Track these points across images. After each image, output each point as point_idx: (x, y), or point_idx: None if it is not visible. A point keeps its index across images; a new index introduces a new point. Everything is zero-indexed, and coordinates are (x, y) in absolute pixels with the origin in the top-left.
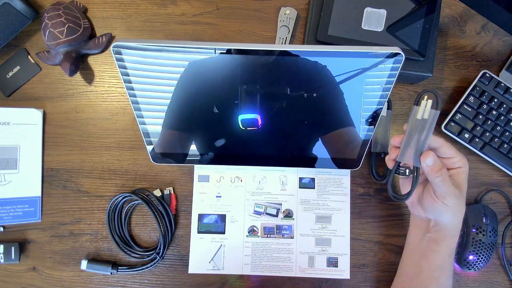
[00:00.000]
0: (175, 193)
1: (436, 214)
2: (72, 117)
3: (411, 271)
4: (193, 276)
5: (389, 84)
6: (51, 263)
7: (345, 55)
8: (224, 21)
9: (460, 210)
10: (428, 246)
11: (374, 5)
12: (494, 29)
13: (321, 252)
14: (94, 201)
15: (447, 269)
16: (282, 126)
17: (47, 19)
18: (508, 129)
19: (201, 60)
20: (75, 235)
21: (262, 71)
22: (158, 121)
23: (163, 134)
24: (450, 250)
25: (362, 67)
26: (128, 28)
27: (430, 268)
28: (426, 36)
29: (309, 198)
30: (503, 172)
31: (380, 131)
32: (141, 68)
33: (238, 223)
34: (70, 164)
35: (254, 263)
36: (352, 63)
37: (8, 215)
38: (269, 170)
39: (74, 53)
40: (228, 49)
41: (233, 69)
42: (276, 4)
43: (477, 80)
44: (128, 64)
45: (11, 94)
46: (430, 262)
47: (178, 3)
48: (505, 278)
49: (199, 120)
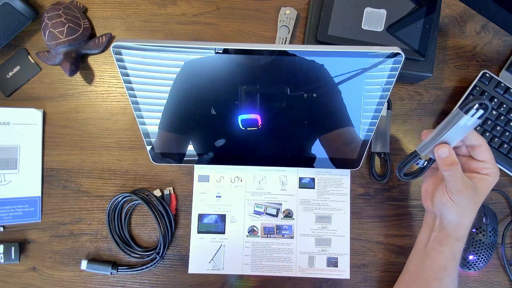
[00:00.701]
0: (175, 193)
1: (441, 209)
2: (72, 117)
3: (415, 269)
4: (193, 276)
5: (389, 84)
6: (51, 263)
7: (345, 55)
8: (224, 21)
9: (468, 212)
10: (432, 245)
11: (374, 5)
12: (494, 29)
13: (321, 252)
14: (94, 201)
15: (451, 271)
16: (282, 126)
17: (47, 19)
18: (508, 129)
19: (197, 59)
20: (75, 235)
21: (261, 71)
22: (158, 121)
23: (159, 135)
24: (453, 253)
25: (362, 67)
26: (128, 28)
27: (433, 268)
28: (426, 36)
29: (309, 198)
30: (503, 172)
31: (380, 131)
32: (141, 68)
33: (238, 223)
34: (70, 164)
35: (254, 263)
36: (352, 63)
37: (8, 215)
38: (269, 170)
39: (74, 53)
40: (226, 49)
41: (231, 69)
42: (276, 4)
43: (477, 80)
44: (128, 64)
45: (11, 94)
46: (432, 262)
47: (178, 3)
48: (505, 278)
49: (196, 121)
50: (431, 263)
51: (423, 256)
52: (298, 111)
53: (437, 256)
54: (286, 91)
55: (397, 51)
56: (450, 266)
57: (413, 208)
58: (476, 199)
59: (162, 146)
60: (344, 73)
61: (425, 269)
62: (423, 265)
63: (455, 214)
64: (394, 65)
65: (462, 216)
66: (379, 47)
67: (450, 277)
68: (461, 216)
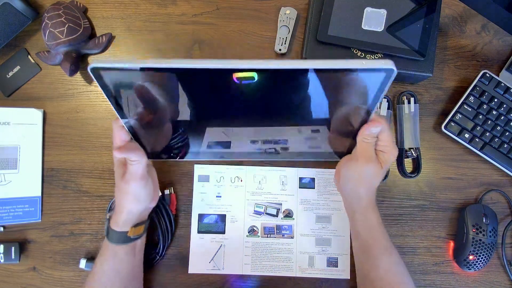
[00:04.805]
0: (175, 193)
1: (344, 181)
2: (72, 117)
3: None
4: (193, 276)
5: (379, 94)
6: (51, 263)
7: (333, 71)
8: (224, 21)
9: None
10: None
11: (374, 5)
12: (494, 29)
13: (321, 252)
14: (94, 201)
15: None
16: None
17: (47, 19)
18: (508, 129)
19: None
20: (75, 235)
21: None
22: None
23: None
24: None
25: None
26: (128, 28)
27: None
28: (426, 36)
29: (309, 198)
30: (503, 172)
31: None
32: (123, 85)
33: (238, 223)
34: (70, 164)
35: (254, 263)
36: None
37: (8, 215)
38: (269, 170)
39: (74, 53)
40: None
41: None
42: (276, 4)
43: (477, 80)
44: (110, 84)
45: (11, 94)
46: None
47: (178, 3)
48: (505, 278)
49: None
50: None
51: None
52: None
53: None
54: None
55: (390, 67)
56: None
57: (413, 208)
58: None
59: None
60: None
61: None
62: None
63: (353, 184)
64: (385, 78)
65: (360, 186)
66: (371, 61)
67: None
68: (358, 186)
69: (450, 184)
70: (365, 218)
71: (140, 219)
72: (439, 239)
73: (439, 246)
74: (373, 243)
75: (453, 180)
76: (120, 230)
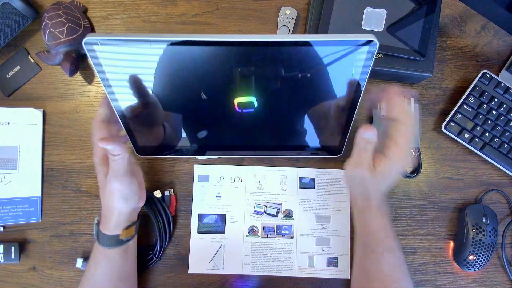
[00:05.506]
0: (175, 195)
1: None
2: (72, 117)
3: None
4: (193, 276)
5: (364, 72)
6: (51, 263)
7: (319, 44)
8: (224, 21)
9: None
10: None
11: (374, 5)
12: (494, 29)
13: (321, 252)
14: (94, 201)
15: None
16: (276, 106)
17: (47, 19)
18: (508, 129)
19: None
20: (75, 235)
21: (253, 55)
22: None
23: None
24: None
25: (338, 55)
26: (128, 28)
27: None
28: (426, 36)
29: (309, 198)
30: (503, 172)
31: (381, 131)
32: (116, 64)
33: (238, 223)
34: (70, 164)
35: (254, 263)
36: (328, 51)
37: (8, 215)
38: (269, 170)
39: (74, 53)
40: (205, 41)
41: (220, 53)
42: (276, 4)
43: (477, 80)
44: (102, 61)
45: (11, 94)
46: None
47: (178, 3)
48: (505, 278)
49: (186, 107)
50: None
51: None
52: (292, 91)
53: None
54: (281, 72)
55: (371, 39)
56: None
57: (413, 208)
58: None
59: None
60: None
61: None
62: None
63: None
64: (368, 53)
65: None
66: (353, 35)
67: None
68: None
69: (450, 184)
70: (365, 221)
71: (131, 220)
72: (439, 239)
73: (439, 246)
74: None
75: (453, 180)
76: (111, 234)
